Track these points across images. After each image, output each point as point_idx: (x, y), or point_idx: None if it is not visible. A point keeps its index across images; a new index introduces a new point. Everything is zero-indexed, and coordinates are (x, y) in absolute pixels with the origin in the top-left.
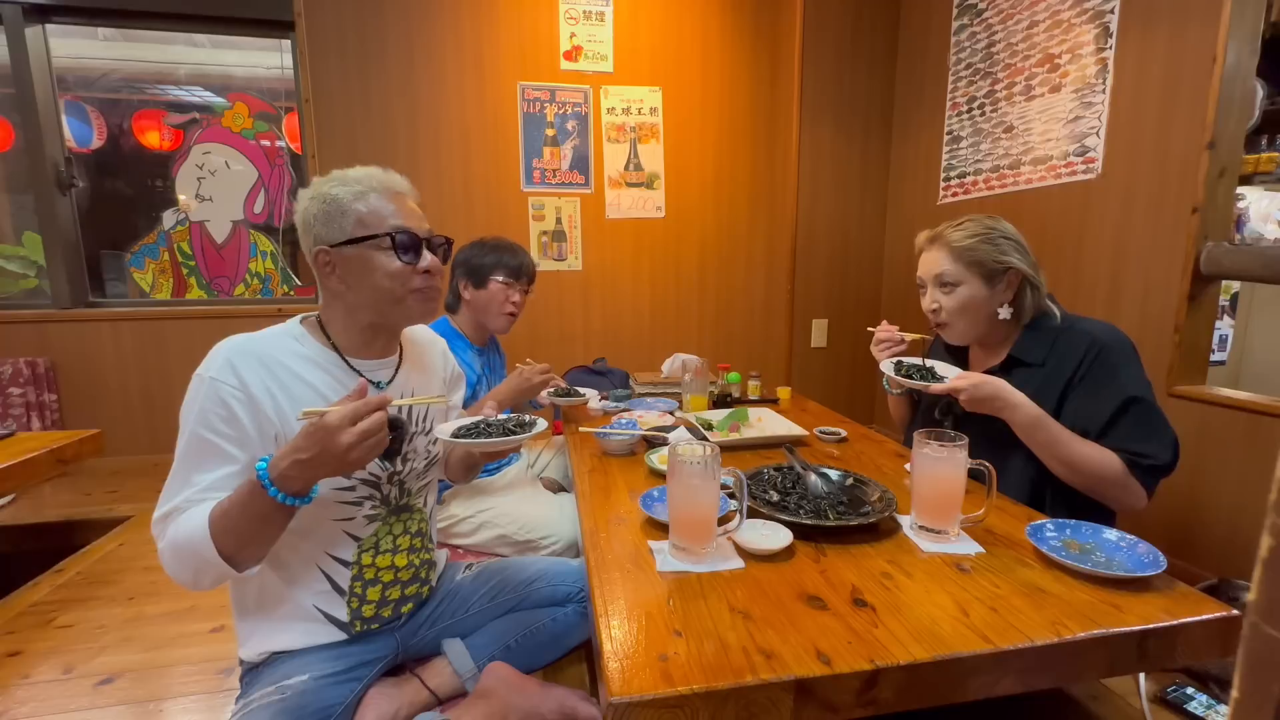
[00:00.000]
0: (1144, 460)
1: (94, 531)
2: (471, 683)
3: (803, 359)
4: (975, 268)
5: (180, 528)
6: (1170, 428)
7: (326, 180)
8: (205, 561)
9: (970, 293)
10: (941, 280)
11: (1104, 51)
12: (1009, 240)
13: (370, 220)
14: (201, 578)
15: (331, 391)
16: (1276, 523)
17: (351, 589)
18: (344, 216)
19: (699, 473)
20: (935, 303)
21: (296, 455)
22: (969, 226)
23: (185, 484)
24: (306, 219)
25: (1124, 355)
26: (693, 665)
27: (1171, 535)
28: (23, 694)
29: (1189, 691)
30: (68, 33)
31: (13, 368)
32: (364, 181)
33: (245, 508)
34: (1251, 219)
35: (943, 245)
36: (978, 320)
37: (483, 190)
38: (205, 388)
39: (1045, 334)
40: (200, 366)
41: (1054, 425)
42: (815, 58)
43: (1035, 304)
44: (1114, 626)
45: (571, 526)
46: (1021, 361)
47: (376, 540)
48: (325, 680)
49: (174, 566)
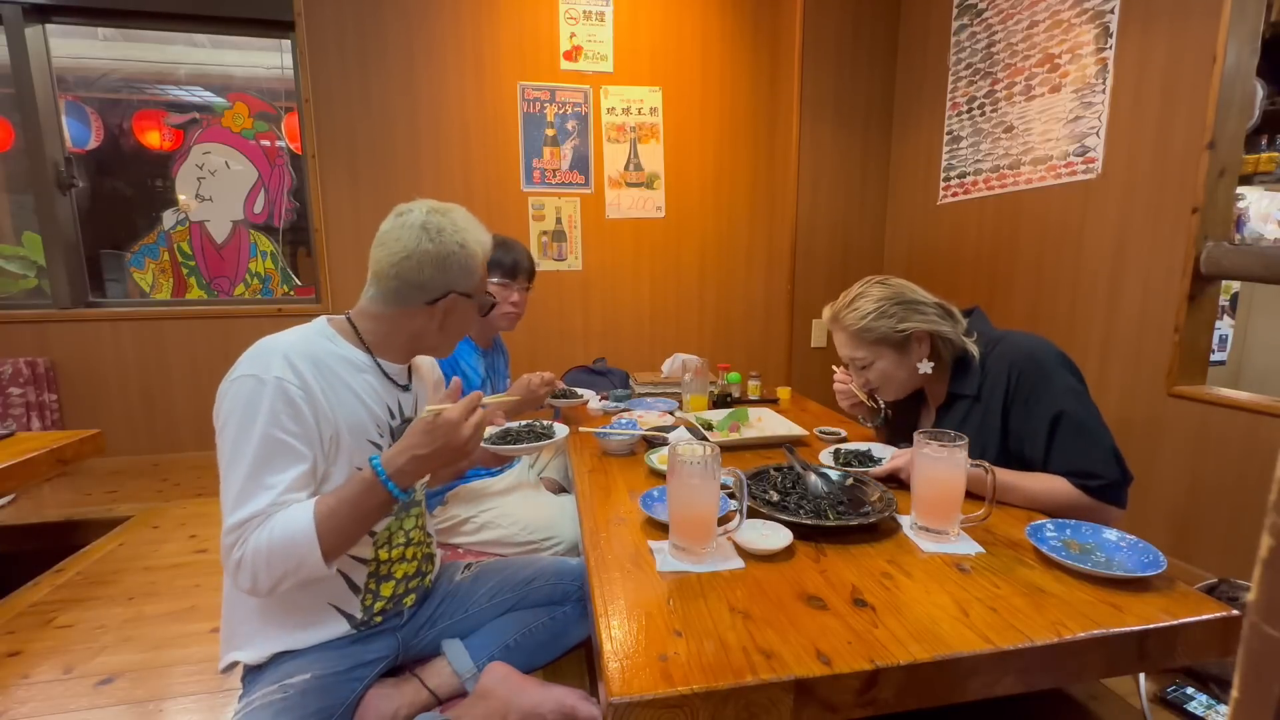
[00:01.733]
0: (1092, 483)
1: (94, 531)
2: (471, 682)
3: (803, 359)
4: (881, 343)
5: (278, 531)
6: (1106, 435)
7: (467, 228)
8: (302, 563)
9: (885, 365)
10: (856, 362)
11: (1104, 51)
12: (904, 305)
13: (478, 283)
14: (285, 581)
15: (366, 392)
16: (1276, 523)
17: (366, 586)
18: (475, 272)
19: (699, 473)
20: (861, 379)
21: (415, 451)
22: (861, 305)
23: (261, 487)
24: (450, 262)
25: (1042, 370)
26: (693, 665)
27: (1171, 535)
28: (23, 694)
29: (1189, 691)
30: (68, 33)
31: (13, 368)
32: (484, 244)
33: (356, 505)
34: (1251, 219)
35: (843, 330)
36: (904, 383)
37: (483, 190)
38: (271, 388)
39: (973, 369)
40: (249, 367)
41: (999, 472)
42: (815, 57)
43: (952, 348)
44: (1114, 626)
45: (573, 527)
46: (961, 395)
47: (390, 535)
48: (327, 679)
49: (261, 571)
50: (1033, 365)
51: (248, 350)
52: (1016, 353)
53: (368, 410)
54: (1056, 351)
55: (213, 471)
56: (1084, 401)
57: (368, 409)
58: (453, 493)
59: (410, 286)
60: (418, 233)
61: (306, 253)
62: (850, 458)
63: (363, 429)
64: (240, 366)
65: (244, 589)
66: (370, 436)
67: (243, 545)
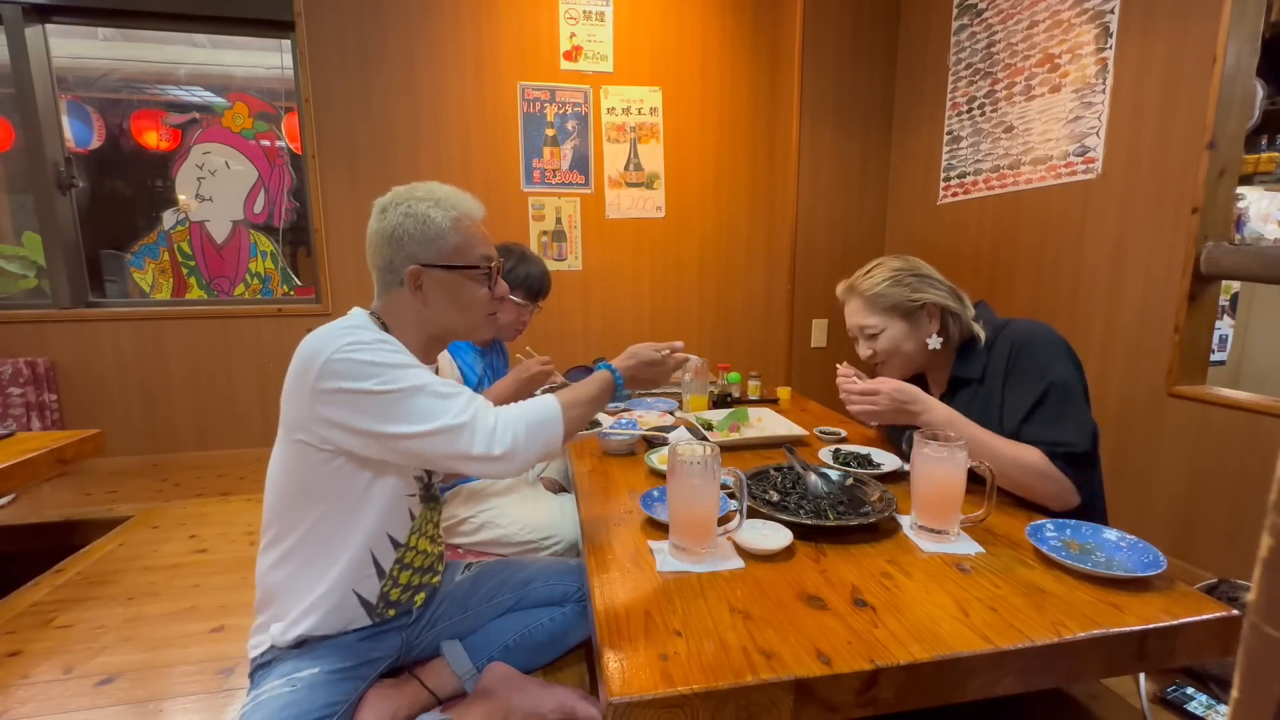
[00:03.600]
0: (1060, 448)
1: (94, 531)
2: (471, 682)
3: (803, 359)
4: (893, 311)
5: (531, 414)
6: (1089, 417)
7: (415, 198)
8: (553, 438)
9: (895, 335)
10: (866, 330)
11: (1104, 51)
12: (919, 277)
13: (464, 248)
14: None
15: None
16: (1276, 523)
17: (391, 572)
18: (441, 239)
19: (699, 473)
20: (868, 349)
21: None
22: (878, 273)
23: (455, 390)
24: (399, 233)
25: (1044, 348)
26: (693, 665)
27: (1171, 535)
28: (23, 694)
29: (1189, 691)
30: (68, 33)
31: (13, 368)
32: (458, 206)
33: (596, 402)
34: (1251, 219)
35: (857, 296)
36: (911, 357)
37: (483, 190)
38: (391, 346)
39: (978, 351)
40: (347, 335)
41: (969, 424)
42: (815, 58)
43: (961, 329)
44: (1114, 626)
45: (573, 527)
46: (963, 381)
47: (421, 523)
48: (334, 675)
49: (526, 443)
50: (1033, 344)
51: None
52: (1020, 334)
53: None
54: (1059, 338)
55: (213, 471)
56: (1072, 384)
57: None
58: (452, 492)
59: (381, 271)
60: (374, 215)
61: (306, 253)
62: (850, 458)
63: None
64: (335, 338)
65: (500, 450)
66: None
67: (493, 413)
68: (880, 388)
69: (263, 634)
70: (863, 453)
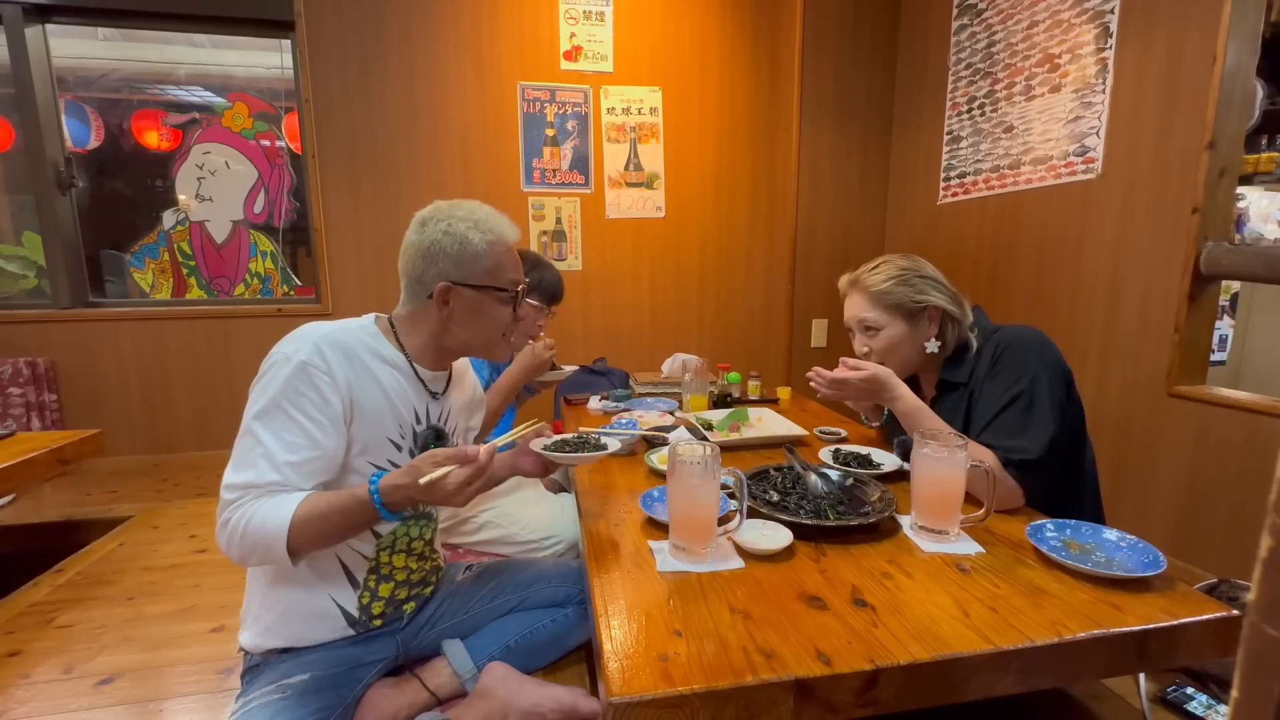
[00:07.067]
0: (1014, 455)
1: (94, 531)
2: (471, 683)
3: (803, 359)
4: (895, 310)
5: (256, 520)
6: (1050, 424)
7: (455, 217)
8: (268, 553)
9: (894, 333)
10: (865, 325)
11: (1104, 51)
12: (925, 279)
13: (496, 271)
14: (251, 560)
15: (394, 390)
16: (1276, 523)
17: (365, 582)
18: (476, 261)
19: (699, 473)
20: (865, 346)
21: (409, 493)
22: (884, 269)
23: (267, 458)
24: (435, 250)
25: (1024, 354)
26: (693, 665)
27: (1171, 535)
28: (23, 694)
29: (1189, 691)
30: (68, 33)
31: (13, 368)
32: (495, 230)
33: (346, 516)
34: (1251, 219)
35: (861, 291)
36: (907, 357)
37: (483, 190)
38: (294, 367)
39: (968, 357)
40: (283, 347)
41: (935, 418)
42: (815, 58)
43: (957, 336)
44: (1114, 626)
45: (574, 527)
46: (950, 385)
47: (394, 540)
48: (326, 680)
49: (233, 546)
50: (1014, 349)
51: (288, 334)
52: (1005, 340)
53: (391, 407)
54: (1045, 344)
55: (213, 471)
56: (1041, 392)
57: (391, 406)
58: None
59: (411, 281)
60: (412, 227)
61: (306, 253)
62: (850, 458)
63: (383, 425)
64: (276, 347)
65: (219, 546)
66: (390, 434)
67: (235, 508)
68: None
69: (247, 636)
70: (863, 453)
